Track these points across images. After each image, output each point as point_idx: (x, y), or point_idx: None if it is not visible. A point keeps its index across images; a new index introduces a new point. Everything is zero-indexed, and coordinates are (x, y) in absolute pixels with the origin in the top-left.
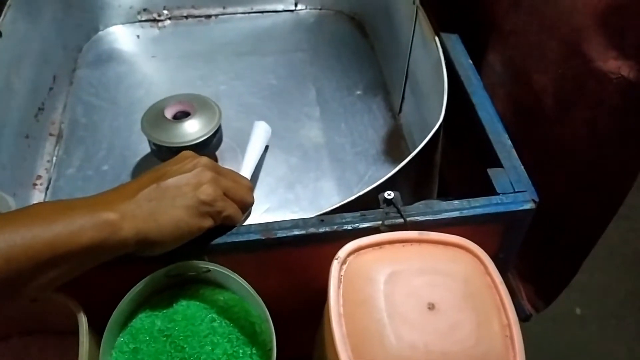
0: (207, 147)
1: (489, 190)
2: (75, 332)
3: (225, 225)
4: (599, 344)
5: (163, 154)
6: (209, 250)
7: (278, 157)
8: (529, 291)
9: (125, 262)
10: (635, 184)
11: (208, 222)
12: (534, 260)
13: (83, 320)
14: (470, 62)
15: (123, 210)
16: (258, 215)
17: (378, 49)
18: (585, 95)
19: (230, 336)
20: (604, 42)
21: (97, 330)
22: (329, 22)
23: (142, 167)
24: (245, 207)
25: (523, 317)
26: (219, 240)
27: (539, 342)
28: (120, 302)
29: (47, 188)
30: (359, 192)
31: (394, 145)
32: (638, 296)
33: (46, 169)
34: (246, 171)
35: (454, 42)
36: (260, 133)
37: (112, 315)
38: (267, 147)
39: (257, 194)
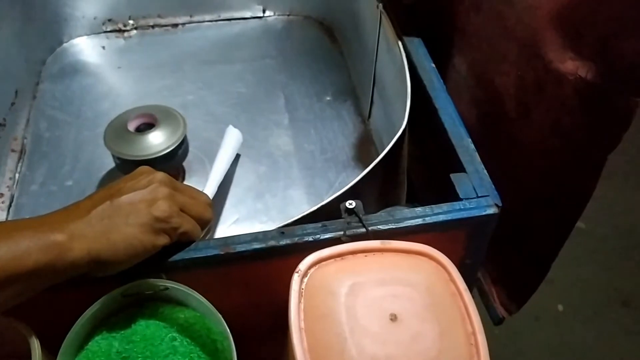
0: (173, 158)
1: (454, 194)
2: (30, 357)
3: (183, 241)
4: (581, 340)
5: (127, 167)
6: (166, 267)
7: (246, 167)
8: (501, 294)
9: (79, 283)
10: (614, 182)
11: (163, 240)
12: (505, 264)
13: (35, 345)
14: (433, 65)
15: (72, 230)
16: (226, 227)
17: (347, 54)
18: (545, 97)
19: (191, 355)
20: (561, 43)
21: (53, 354)
22: (297, 28)
23: (107, 181)
24: (204, 224)
25: (496, 321)
26: (176, 256)
27: (521, 340)
28: (74, 325)
29: (10, 206)
30: (329, 199)
31: (364, 151)
32: (619, 292)
33: (8, 186)
34: (213, 182)
35: (417, 46)
36: (231, 141)
37: (66, 339)
38: (238, 155)
39: (226, 205)
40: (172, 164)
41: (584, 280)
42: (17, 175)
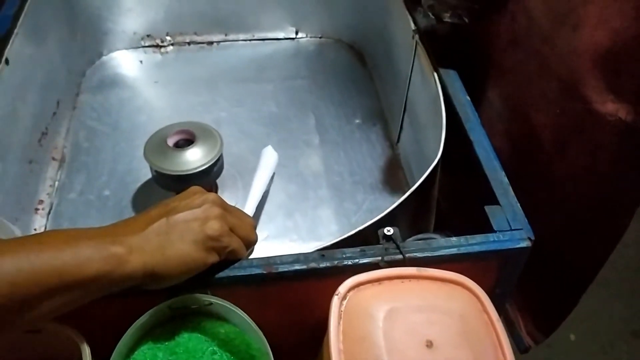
0: (209, 175)
1: (485, 225)
2: None
3: (229, 259)
4: None
5: (164, 181)
6: (212, 283)
7: (277, 185)
8: (528, 323)
9: (129, 295)
10: None
11: (213, 257)
12: (533, 293)
13: (86, 351)
14: (468, 98)
15: (131, 244)
16: (258, 243)
17: (377, 78)
18: (582, 135)
19: None
20: (602, 84)
21: None
22: (329, 51)
23: (143, 193)
24: (249, 245)
25: (522, 349)
26: (221, 274)
27: None
28: (125, 334)
29: (49, 213)
30: (356, 221)
31: (391, 175)
32: (631, 322)
33: (48, 193)
34: (251, 203)
35: (452, 78)
36: (268, 163)
37: (117, 347)
38: (274, 174)
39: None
40: (207, 180)
41: (596, 311)
42: (56, 183)
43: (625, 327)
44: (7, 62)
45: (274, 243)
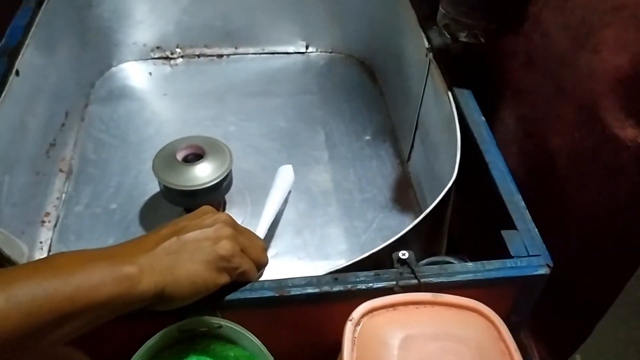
0: (217, 191)
1: (500, 249)
2: None
3: (239, 281)
4: None
5: (172, 196)
6: (222, 305)
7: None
8: (542, 349)
9: (137, 317)
10: None
11: (224, 278)
12: (547, 319)
13: None
14: (483, 119)
15: (142, 264)
16: None
17: (387, 94)
18: (600, 160)
19: None
20: (622, 109)
21: None
22: (339, 66)
23: (150, 207)
24: (260, 267)
25: None
26: (232, 296)
27: None
28: (133, 357)
29: (55, 225)
30: (366, 240)
31: (402, 193)
32: (638, 344)
33: (55, 205)
34: (264, 223)
35: (467, 97)
36: (284, 183)
37: None
38: (289, 193)
39: (265, 238)
40: (215, 195)
41: (602, 331)
42: (63, 195)
43: (631, 348)
44: (17, 73)
45: (282, 261)
